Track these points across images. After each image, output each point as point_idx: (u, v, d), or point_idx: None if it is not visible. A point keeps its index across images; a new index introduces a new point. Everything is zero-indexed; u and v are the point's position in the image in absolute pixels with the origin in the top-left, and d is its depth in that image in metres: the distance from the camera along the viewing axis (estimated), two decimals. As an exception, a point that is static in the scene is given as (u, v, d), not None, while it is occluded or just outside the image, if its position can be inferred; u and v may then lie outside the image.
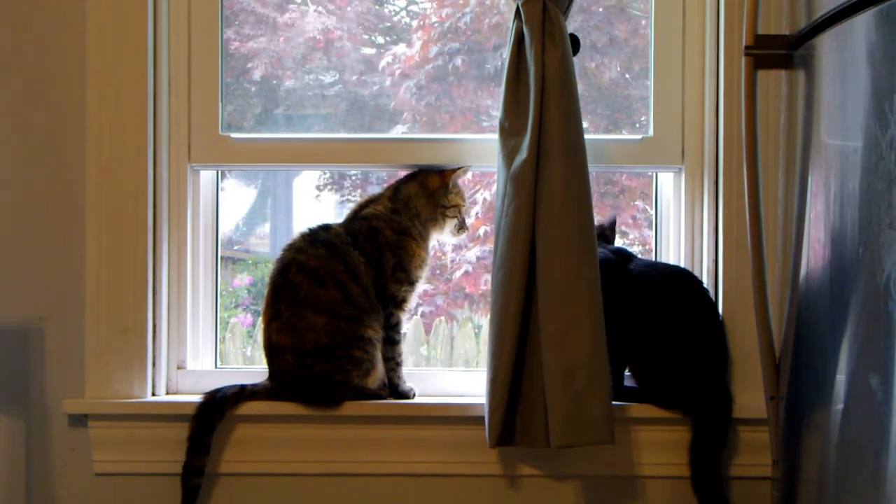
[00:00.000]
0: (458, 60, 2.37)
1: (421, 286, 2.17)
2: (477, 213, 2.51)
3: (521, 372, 1.97)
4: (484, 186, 2.46)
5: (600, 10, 2.36)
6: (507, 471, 2.10)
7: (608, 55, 2.37)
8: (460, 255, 2.50)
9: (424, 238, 2.15)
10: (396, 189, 2.15)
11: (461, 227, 2.17)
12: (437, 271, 2.50)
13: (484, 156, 2.13)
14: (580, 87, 2.01)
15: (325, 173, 2.56)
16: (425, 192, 2.13)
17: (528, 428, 1.98)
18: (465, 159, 2.16)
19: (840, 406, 1.42)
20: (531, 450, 2.02)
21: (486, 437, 1.98)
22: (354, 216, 2.14)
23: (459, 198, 2.16)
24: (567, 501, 2.10)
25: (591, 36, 2.33)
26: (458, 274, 2.49)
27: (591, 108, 2.37)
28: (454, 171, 2.14)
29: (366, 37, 2.42)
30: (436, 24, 2.38)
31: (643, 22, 2.30)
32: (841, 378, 1.41)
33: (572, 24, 2.12)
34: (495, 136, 2.04)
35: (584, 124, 1.99)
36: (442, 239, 2.20)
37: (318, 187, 2.57)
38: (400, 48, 2.39)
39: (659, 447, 2.08)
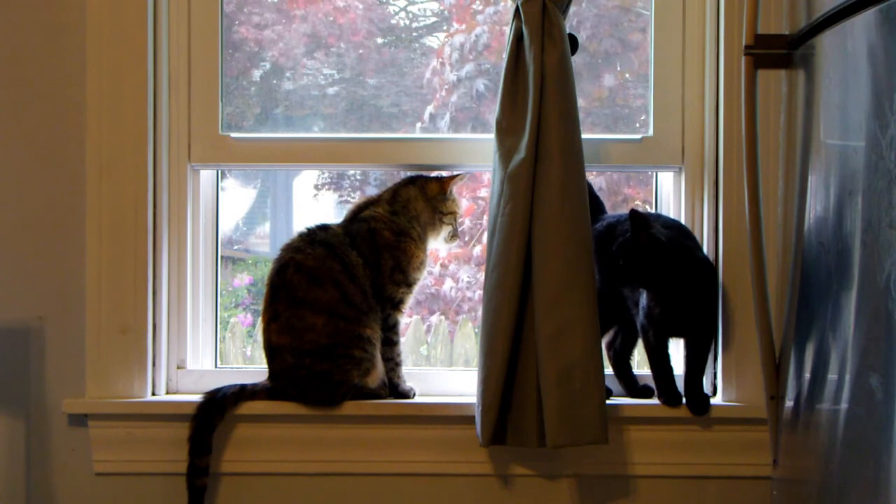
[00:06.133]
0: (480, 85, 2.38)
1: (418, 287, 2.17)
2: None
3: (515, 371, 1.97)
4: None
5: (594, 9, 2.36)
6: (506, 470, 2.10)
7: (611, 53, 2.37)
8: (474, 283, 2.49)
9: (423, 240, 2.15)
10: (395, 192, 2.15)
11: (454, 234, 2.18)
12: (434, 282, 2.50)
13: (483, 156, 2.13)
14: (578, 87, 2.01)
15: (323, 173, 2.56)
16: (424, 198, 2.14)
17: (519, 427, 1.98)
18: (465, 159, 2.16)
19: (840, 406, 1.42)
20: (529, 449, 2.02)
21: (477, 436, 1.98)
22: (353, 217, 2.14)
23: (455, 205, 2.17)
24: (567, 501, 2.10)
25: (599, 37, 2.33)
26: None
27: (595, 108, 2.37)
28: (452, 178, 2.14)
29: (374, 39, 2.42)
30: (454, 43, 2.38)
31: (643, 30, 2.29)
32: (841, 378, 1.41)
33: (585, 25, 2.12)
34: (493, 137, 2.03)
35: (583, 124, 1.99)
36: (435, 245, 2.19)
37: (316, 187, 2.57)
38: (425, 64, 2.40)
39: (650, 447, 2.08)
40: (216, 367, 2.27)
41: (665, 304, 1.98)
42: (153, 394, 2.15)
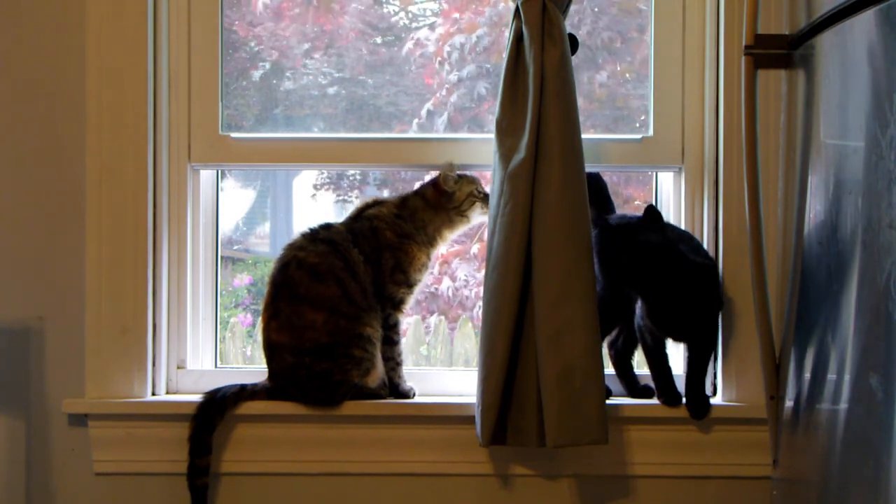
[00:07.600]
0: (482, 88, 2.38)
1: (420, 288, 2.16)
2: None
3: (515, 371, 1.97)
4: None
5: (596, 8, 2.35)
6: (506, 470, 2.10)
7: (612, 53, 2.37)
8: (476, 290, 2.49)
9: (430, 244, 2.14)
10: (405, 199, 2.15)
11: (485, 203, 2.12)
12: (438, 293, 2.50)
13: (483, 156, 2.13)
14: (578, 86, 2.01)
15: (322, 173, 2.56)
16: (430, 206, 2.13)
17: (519, 427, 1.98)
18: (465, 159, 2.16)
19: (840, 406, 1.42)
20: (529, 449, 2.02)
21: (477, 436, 1.98)
22: (357, 216, 2.14)
23: (467, 185, 2.13)
24: (567, 501, 2.10)
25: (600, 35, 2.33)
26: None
27: (594, 108, 2.37)
28: (441, 176, 2.12)
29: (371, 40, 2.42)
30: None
31: (643, 29, 2.29)
32: (841, 378, 1.41)
33: (585, 22, 2.12)
34: (493, 136, 2.03)
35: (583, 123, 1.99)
36: (474, 224, 2.16)
37: (314, 186, 2.57)
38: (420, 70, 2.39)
39: (650, 447, 2.08)
40: (216, 367, 2.27)
41: (656, 308, 1.98)
42: (153, 394, 2.15)
